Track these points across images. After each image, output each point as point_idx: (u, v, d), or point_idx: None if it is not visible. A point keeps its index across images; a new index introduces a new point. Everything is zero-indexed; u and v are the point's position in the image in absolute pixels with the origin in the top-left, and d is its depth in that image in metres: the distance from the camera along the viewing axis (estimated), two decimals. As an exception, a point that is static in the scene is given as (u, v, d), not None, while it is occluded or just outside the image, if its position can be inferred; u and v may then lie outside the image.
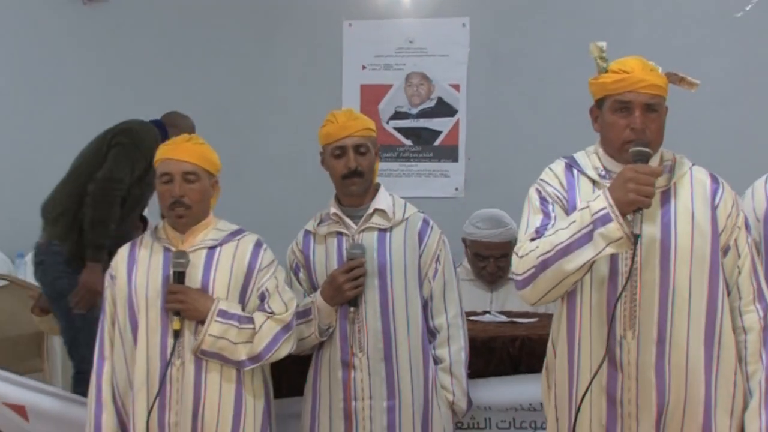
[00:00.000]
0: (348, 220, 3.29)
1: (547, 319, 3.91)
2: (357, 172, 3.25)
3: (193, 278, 3.14)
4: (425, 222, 3.34)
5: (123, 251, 3.26)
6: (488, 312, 4.15)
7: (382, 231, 3.27)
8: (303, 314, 3.25)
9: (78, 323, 4.02)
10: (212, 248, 3.18)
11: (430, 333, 3.30)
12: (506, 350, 3.56)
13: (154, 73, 6.32)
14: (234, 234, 3.24)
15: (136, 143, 4.14)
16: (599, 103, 2.80)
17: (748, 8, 5.66)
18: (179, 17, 6.35)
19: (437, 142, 6.13)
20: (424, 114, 6.09)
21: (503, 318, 3.98)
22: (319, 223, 3.34)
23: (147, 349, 3.11)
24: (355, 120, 3.29)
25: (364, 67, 6.20)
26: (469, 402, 3.34)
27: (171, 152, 3.18)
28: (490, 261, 4.44)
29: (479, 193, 5.89)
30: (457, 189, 6.09)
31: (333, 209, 3.31)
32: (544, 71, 5.94)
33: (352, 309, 3.21)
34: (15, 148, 5.13)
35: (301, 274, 3.36)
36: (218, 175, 3.28)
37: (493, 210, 4.58)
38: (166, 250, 3.19)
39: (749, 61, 5.61)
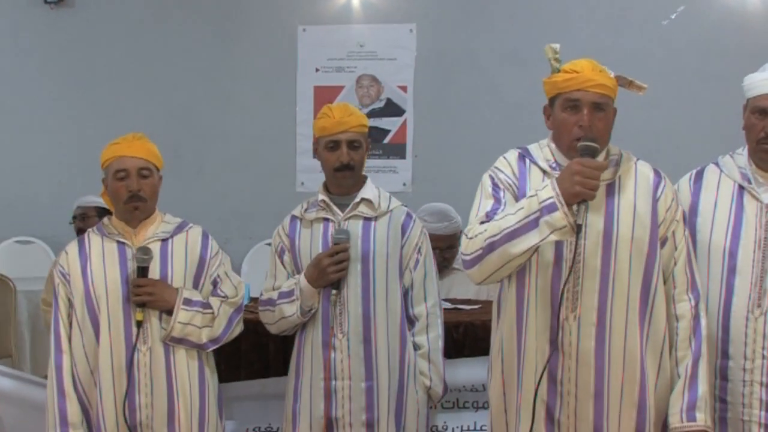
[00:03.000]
0: (335, 208, 3.23)
1: (489, 305, 3.90)
2: (349, 166, 3.20)
3: (152, 270, 3.12)
4: (408, 215, 3.30)
5: (72, 250, 3.20)
6: (434, 299, 4.12)
7: (368, 220, 3.22)
8: (286, 294, 3.20)
9: None
10: (165, 240, 3.17)
11: (409, 320, 3.26)
12: (450, 335, 3.50)
13: (118, 74, 6.26)
14: (180, 226, 3.23)
15: None
16: (551, 101, 2.77)
17: (673, 16, 5.72)
18: (142, 22, 6.31)
19: (386, 141, 6.13)
20: (374, 114, 6.07)
21: (448, 305, 3.94)
22: (306, 209, 3.28)
23: (110, 339, 3.08)
24: (351, 116, 3.22)
25: (317, 70, 6.19)
26: (445, 387, 3.31)
27: (125, 150, 3.14)
28: (436, 252, 4.37)
29: (425, 188, 5.91)
30: (404, 184, 6.10)
31: (321, 196, 3.25)
32: (486, 74, 5.98)
33: (334, 292, 3.16)
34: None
35: (286, 257, 3.29)
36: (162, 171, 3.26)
37: (439, 204, 4.57)
38: (120, 243, 3.16)
39: (675, 64, 5.69)
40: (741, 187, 2.89)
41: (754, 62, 2.99)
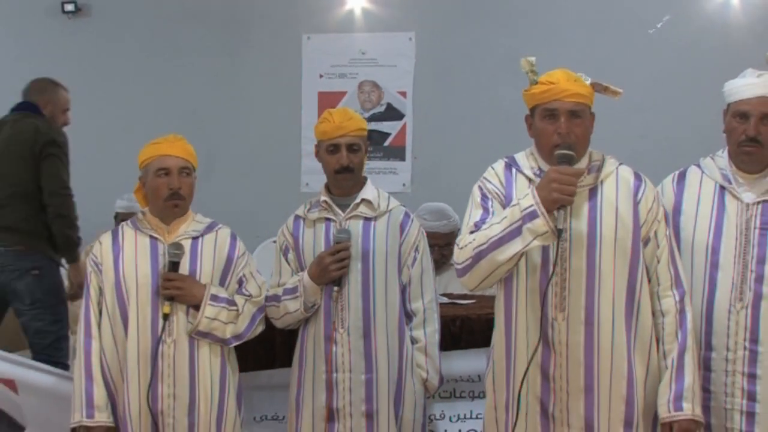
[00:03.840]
0: (336, 208, 3.24)
1: (484, 300, 3.94)
2: (349, 168, 3.21)
3: (182, 266, 3.14)
4: (407, 215, 3.31)
5: (106, 241, 3.22)
6: (432, 294, 4.13)
7: (368, 220, 3.23)
8: (290, 291, 3.22)
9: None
10: (195, 238, 3.19)
11: (407, 315, 3.26)
12: (448, 328, 3.53)
13: (132, 81, 6.27)
14: (211, 226, 3.25)
15: (65, 152, 4.46)
16: (532, 111, 2.81)
17: (659, 25, 5.74)
18: (155, 32, 6.30)
19: (387, 143, 6.13)
20: (375, 118, 6.07)
21: (445, 300, 3.96)
22: (309, 209, 3.29)
23: (138, 329, 3.10)
24: (350, 120, 3.23)
25: (321, 76, 6.18)
26: (441, 379, 3.31)
27: (167, 149, 3.16)
28: (434, 249, 4.41)
29: (424, 188, 5.90)
30: (404, 185, 6.09)
31: (323, 197, 3.26)
32: (482, 79, 5.98)
33: (336, 288, 3.17)
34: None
35: (290, 255, 3.30)
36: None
37: (437, 204, 4.58)
38: (153, 238, 3.17)
39: (661, 71, 5.69)
40: (722, 188, 2.92)
41: (734, 69, 3.01)
